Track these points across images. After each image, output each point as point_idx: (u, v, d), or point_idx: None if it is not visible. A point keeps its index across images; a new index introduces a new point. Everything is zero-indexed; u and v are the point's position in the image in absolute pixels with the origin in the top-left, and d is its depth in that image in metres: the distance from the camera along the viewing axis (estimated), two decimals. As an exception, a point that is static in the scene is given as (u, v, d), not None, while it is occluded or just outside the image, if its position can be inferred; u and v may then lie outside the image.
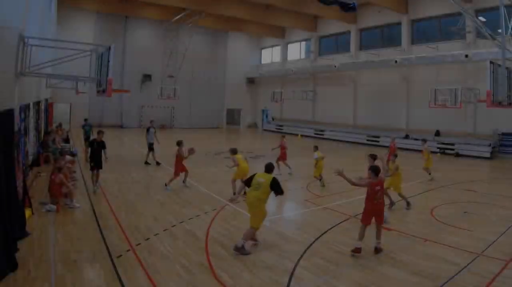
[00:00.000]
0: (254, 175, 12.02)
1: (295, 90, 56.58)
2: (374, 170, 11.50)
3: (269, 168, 12.07)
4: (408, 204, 16.26)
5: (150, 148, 25.77)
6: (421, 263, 10.41)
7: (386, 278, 9.56)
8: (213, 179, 21.94)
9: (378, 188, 11.41)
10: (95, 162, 17.28)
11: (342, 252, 11.17)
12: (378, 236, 11.41)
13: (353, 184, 11.38)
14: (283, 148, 24.31)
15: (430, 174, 22.86)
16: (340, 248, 11.48)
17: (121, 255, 10.35)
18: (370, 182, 11.49)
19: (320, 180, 20.65)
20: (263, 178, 11.63)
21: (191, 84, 60.26)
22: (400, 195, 16.50)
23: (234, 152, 18.44)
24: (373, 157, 13.84)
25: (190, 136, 44.37)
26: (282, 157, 23.95)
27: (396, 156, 17.82)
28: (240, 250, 11.00)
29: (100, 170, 17.75)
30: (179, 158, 19.32)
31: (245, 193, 13.09)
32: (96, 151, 17.27)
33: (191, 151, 19.16)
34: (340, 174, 11.06)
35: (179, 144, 19.51)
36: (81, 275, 9.18)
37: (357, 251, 10.94)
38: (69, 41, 19.60)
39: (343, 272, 9.84)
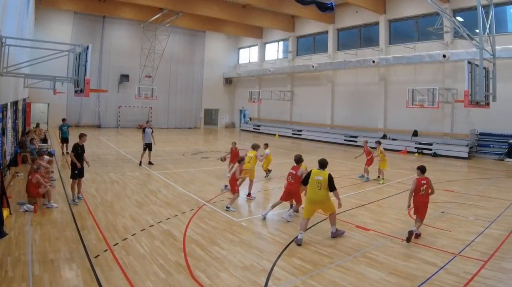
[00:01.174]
0: (310, 172, 12.47)
1: (272, 91, 56.65)
2: (421, 169, 13.05)
3: (323, 164, 12.53)
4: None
5: (147, 148, 25.63)
6: (398, 263, 10.47)
7: (363, 278, 9.57)
8: (191, 179, 21.77)
9: (423, 182, 12.68)
10: (80, 170, 16.36)
11: (320, 252, 11.20)
12: (417, 226, 12.45)
13: (411, 192, 12.79)
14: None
15: (380, 177, 22.46)
16: (317, 248, 11.51)
17: (98, 255, 10.34)
18: (417, 179, 12.79)
19: (267, 173, 21.81)
20: (320, 176, 12.19)
21: (168, 84, 60.36)
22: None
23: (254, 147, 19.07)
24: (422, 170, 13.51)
25: (168, 137, 44.58)
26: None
27: (379, 143, 18.99)
28: (336, 233, 12.53)
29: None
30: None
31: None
32: (81, 156, 16.58)
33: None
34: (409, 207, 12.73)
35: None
36: (58, 275, 9.15)
37: (411, 234, 12.07)
38: (47, 41, 19.59)
39: (321, 272, 9.84)
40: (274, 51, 62.37)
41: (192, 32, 62.04)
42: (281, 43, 60.87)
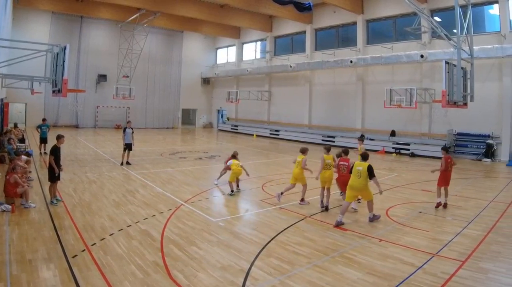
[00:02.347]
0: (354, 164, 14.65)
1: (250, 91, 56.72)
2: (445, 148, 16.08)
3: (365, 157, 14.73)
4: None
5: (127, 148, 25.63)
6: (376, 263, 10.47)
7: (341, 278, 9.57)
8: (169, 179, 21.75)
9: (449, 160, 16.79)
10: (59, 173, 16.13)
11: (298, 252, 11.21)
12: (446, 194, 16.84)
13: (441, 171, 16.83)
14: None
15: None
16: (295, 248, 11.51)
17: (76, 255, 10.30)
18: (445, 158, 16.86)
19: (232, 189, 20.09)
20: (361, 166, 14.26)
21: (146, 84, 60.24)
22: None
23: (233, 156, 19.79)
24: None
25: (146, 137, 44.47)
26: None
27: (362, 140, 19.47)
28: (373, 218, 14.47)
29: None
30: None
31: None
32: (59, 159, 16.46)
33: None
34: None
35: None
36: (36, 275, 9.09)
37: (439, 205, 16.36)
38: (25, 41, 19.42)
39: (298, 272, 9.85)
40: (252, 51, 62.40)
41: (170, 32, 62.04)
42: (259, 43, 60.94)
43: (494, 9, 33.70)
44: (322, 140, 43.89)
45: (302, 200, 17.16)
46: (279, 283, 9.20)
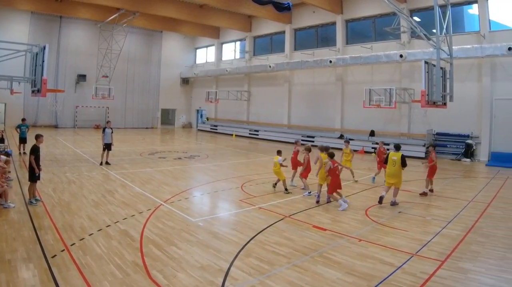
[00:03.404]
0: (388, 155, 17.72)
1: (230, 90, 56.75)
2: (434, 146, 17.60)
3: (398, 147, 17.93)
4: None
5: (106, 148, 25.60)
6: (355, 263, 10.47)
7: (320, 278, 9.56)
8: (148, 179, 21.68)
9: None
10: (39, 173, 16.06)
11: (277, 252, 11.21)
12: (431, 183, 19.42)
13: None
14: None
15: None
16: (274, 248, 11.51)
17: (55, 255, 10.24)
18: (434, 153, 19.33)
19: None
20: (395, 156, 17.19)
21: (125, 84, 60.17)
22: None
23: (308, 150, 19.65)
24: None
25: (125, 137, 44.43)
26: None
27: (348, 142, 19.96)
28: (394, 203, 16.80)
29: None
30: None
31: None
32: (39, 158, 16.41)
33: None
34: None
35: (308, 150, 19.20)
36: (15, 275, 9.05)
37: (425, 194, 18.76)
38: (4, 41, 19.34)
39: (278, 272, 9.84)
40: (231, 51, 62.43)
41: (149, 32, 62.00)
42: (238, 43, 61.00)
43: (474, 9, 33.88)
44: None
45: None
46: (258, 283, 9.20)
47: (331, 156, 16.73)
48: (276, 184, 19.61)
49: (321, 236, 12.56)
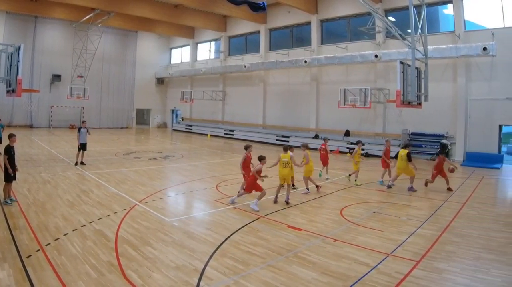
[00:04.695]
0: (399, 152, 20.83)
1: (205, 90, 56.78)
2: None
3: (406, 145, 21.27)
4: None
5: (81, 148, 25.49)
6: (331, 263, 10.46)
7: (295, 278, 9.55)
8: (123, 179, 21.61)
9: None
10: (14, 173, 15.93)
11: (252, 252, 11.21)
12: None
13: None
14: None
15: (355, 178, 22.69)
16: (249, 248, 11.51)
17: (30, 255, 10.18)
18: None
19: None
20: (403, 153, 20.23)
21: (101, 84, 60.02)
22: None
23: (306, 146, 19.59)
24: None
25: (100, 137, 44.31)
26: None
27: (306, 147, 19.27)
28: (411, 189, 20.06)
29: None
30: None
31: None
32: (13, 158, 16.15)
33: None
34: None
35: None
36: (-10, 275, 9.10)
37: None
38: (-22, 41, 19.12)
39: (253, 272, 9.84)
40: (206, 51, 62.50)
41: (124, 32, 61.92)
42: (213, 43, 61.03)
43: (449, 9, 34.14)
44: (277, 140, 44.06)
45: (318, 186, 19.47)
46: (233, 283, 9.18)
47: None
48: (293, 184, 19.68)
49: (296, 236, 12.56)
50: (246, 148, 18.39)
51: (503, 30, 30.59)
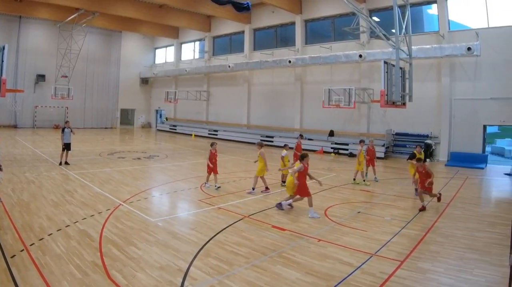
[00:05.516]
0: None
1: (189, 91, 56.78)
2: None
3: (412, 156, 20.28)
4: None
5: (66, 148, 25.44)
6: (315, 263, 10.48)
7: (279, 278, 9.56)
8: (107, 179, 21.59)
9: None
10: None
11: (236, 252, 11.21)
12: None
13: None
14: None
15: (365, 179, 22.76)
16: (234, 248, 11.52)
17: (14, 255, 10.14)
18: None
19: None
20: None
21: (85, 84, 59.81)
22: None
23: (260, 145, 19.89)
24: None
25: (84, 137, 44.25)
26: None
27: (261, 145, 19.65)
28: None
29: None
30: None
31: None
32: None
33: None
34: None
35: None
36: (-26, 275, 9.06)
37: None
38: (-38, 41, 19.03)
39: (237, 272, 9.84)
40: (190, 51, 62.41)
41: (108, 32, 61.73)
42: (197, 43, 61.02)
43: (433, 9, 34.28)
44: (261, 140, 43.28)
45: (267, 188, 19.39)
46: (217, 283, 9.19)
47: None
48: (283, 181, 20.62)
49: (280, 236, 12.58)
50: (212, 145, 20.11)
51: (488, 30, 30.71)
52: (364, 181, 22.38)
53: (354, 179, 22.64)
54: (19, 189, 18.06)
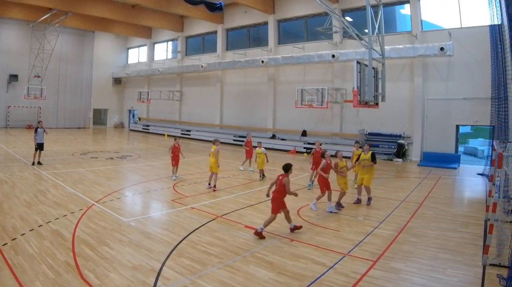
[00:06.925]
0: (360, 154, 18.48)
1: (162, 90, 56.66)
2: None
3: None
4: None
5: (39, 148, 25.35)
6: (288, 263, 10.51)
7: (252, 278, 9.59)
8: (80, 179, 21.48)
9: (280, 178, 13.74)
10: None
11: (209, 252, 11.22)
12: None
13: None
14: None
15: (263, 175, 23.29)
16: (206, 248, 11.52)
17: (-13, 256, 10.20)
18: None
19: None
20: (367, 156, 17.89)
21: (58, 84, 59.36)
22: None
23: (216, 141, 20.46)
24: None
25: (57, 137, 43.93)
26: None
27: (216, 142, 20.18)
28: (370, 201, 17.55)
29: None
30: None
31: None
32: None
33: None
34: None
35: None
36: None
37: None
38: None
39: (210, 272, 9.85)
40: (163, 51, 62.24)
41: (81, 32, 61.22)
42: (170, 43, 60.83)
43: (406, 9, 34.50)
44: (234, 140, 43.94)
45: (214, 186, 19.46)
46: (190, 283, 9.21)
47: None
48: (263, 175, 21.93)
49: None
50: (175, 139, 21.78)
51: (460, 30, 30.98)
52: (310, 185, 21.75)
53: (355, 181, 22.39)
54: (-9, 189, 18.04)
